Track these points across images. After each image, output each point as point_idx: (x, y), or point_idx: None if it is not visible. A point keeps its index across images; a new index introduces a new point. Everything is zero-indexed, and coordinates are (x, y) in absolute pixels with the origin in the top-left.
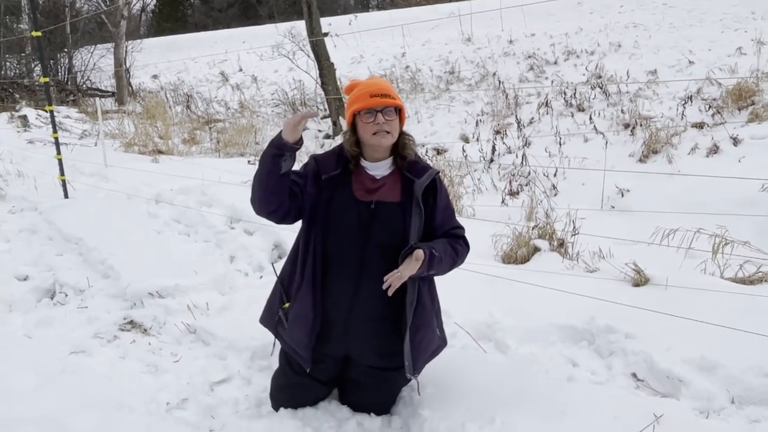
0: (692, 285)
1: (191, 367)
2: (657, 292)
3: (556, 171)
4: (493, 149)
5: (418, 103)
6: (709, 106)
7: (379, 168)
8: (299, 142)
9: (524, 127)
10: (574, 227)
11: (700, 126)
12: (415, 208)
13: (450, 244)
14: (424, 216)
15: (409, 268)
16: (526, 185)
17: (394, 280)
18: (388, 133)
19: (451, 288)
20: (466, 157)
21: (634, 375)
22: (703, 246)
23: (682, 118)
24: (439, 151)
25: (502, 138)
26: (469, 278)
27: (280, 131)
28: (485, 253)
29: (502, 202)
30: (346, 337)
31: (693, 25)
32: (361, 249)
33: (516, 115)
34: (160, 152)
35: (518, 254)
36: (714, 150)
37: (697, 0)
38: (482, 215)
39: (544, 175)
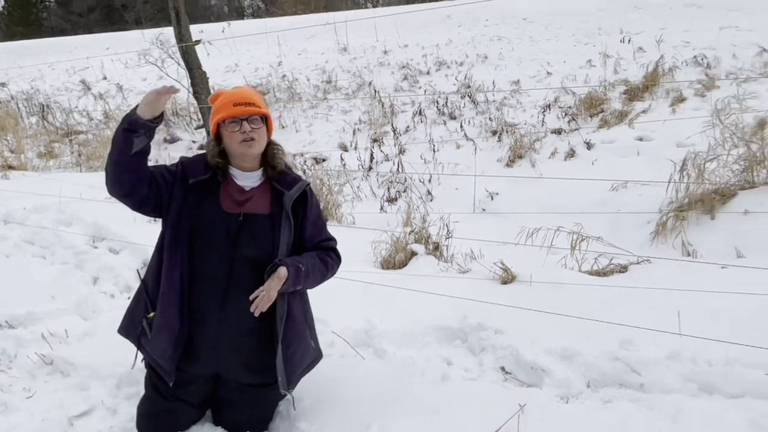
0: (553, 280)
1: (47, 402)
2: (523, 288)
3: (430, 177)
4: (371, 157)
5: (296, 113)
6: (565, 114)
7: (249, 179)
8: (157, 120)
9: (400, 135)
10: (448, 231)
11: (558, 132)
12: (285, 220)
13: (320, 257)
14: (294, 229)
15: (274, 285)
16: (404, 191)
17: (261, 301)
18: (254, 140)
19: (328, 297)
20: (344, 165)
21: (503, 368)
22: (563, 243)
23: (542, 125)
24: (318, 160)
25: (380, 146)
26: (347, 286)
27: (136, 105)
28: (365, 259)
29: (381, 209)
30: (215, 354)
31: (550, 39)
32: (228, 262)
33: (392, 124)
34: (11, 168)
35: (396, 259)
36: (571, 154)
37: (553, 16)
38: (362, 222)
39: (420, 181)
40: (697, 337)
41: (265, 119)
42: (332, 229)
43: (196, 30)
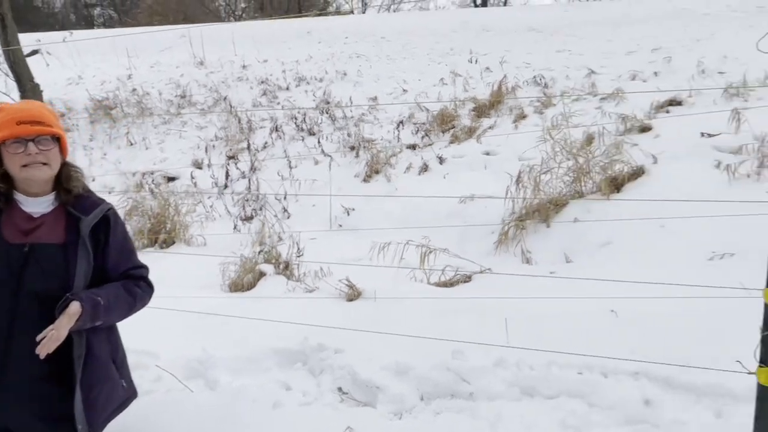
0: (399, 294)
1: None
2: (367, 305)
3: (286, 194)
4: (227, 175)
5: (146, 129)
6: (419, 129)
7: (38, 204)
8: None
9: (258, 151)
10: (299, 249)
11: (413, 147)
12: (82, 249)
13: (126, 288)
14: (94, 258)
15: (64, 323)
16: (260, 209)
17: (48, 342)
18: (44, 164)
19: (158, 327)
20: (195, 183)
21: (340, 389)
22: (415, 256)
23: (398, 140)
24: (169, 179)
25: (236, 163)
26: (182, 313)
27: None
28: (212, 283)
29: (235, 228)
30: (1, 405)
31: (406, 57)
32: (11, 299)
33: (249, 140)
34: None
35: (245, 281)
36: (424, 168)
37: (409, 36)
38: (214, 243)
39: (276, 198)
40: (520, 347)
41: (58, 139)
42: (180, 252)
43: (31, 38)
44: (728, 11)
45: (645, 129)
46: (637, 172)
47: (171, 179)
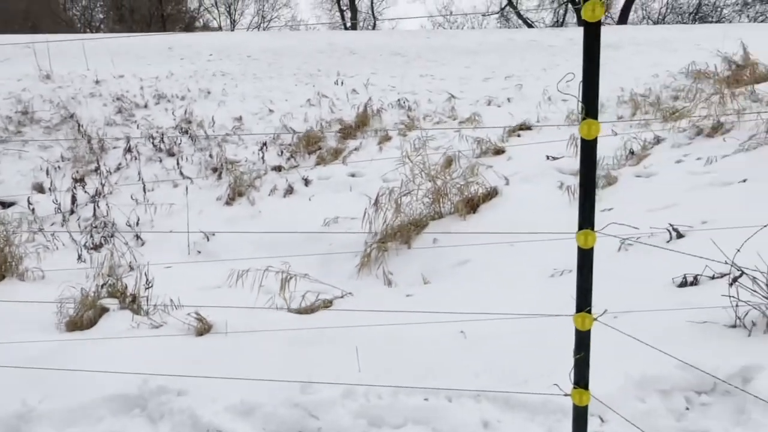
0: (254, 325)
1: None
2: (217, 339)
3: (138, 220)
4: (73, 199)
5: None
6: (284, 151)
7: None
8: None
9: (110, 173)
10: (147, 280)
11: (278, 169)
12: None
13: None
14: None
15: None
16: (110, 237)
17: None
18: None
19: None
20: (33, 210)
21: None
22: (275, 283)
23: (263, 162)
24: (5, 204)
25: (83, 186)
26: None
27: None
28: (46, 321)
29: (80, 258)
30: None
31: (273, 77)
32: None
33: (100, 161)
34: None
35: (84, 318)
36: (290, 191)
37: (276, 56)
38: (54, 277)
39: (127, 225)
40: (368, 376)
41: None
42: (11, 286)
43: None
44: (571, 44)
45: (499, 152)
46: (491, 193)
47: (6, 205)
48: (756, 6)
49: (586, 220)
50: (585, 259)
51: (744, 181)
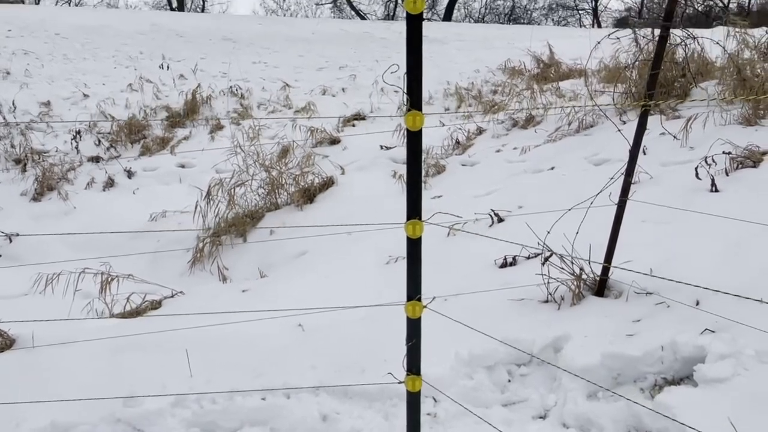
0: (69, 335)
1: None
2: (21, 356)
3: None
4: None
5: None
6: (102, 140)
7: None
8: None
9: None
10: None
11: (96, 160)
12: None
13: None
14: None
15: None
16: None
17: None
18: None
19: None
20: None
21: None
22: (94, 286)
23: (77, 152)
24: None
25: None
26: None
27: None
28: None
29: None
30: None
31: (87, 58)
32: None
33: None
34: None
35: None
36: (110, 183)
37: (90, 35)
38: None
39: None
40: (200, 381)
41: None
42: None
43: None
44: (401, 38)
45: (334, 142)
46: (328, 183)
47: None
48: (559, 11)
49: (414, 210)
50: (414, 248)
51: (552, 168)
